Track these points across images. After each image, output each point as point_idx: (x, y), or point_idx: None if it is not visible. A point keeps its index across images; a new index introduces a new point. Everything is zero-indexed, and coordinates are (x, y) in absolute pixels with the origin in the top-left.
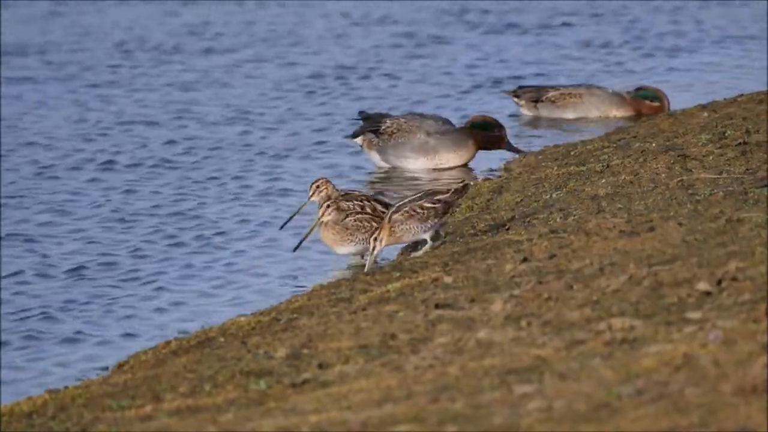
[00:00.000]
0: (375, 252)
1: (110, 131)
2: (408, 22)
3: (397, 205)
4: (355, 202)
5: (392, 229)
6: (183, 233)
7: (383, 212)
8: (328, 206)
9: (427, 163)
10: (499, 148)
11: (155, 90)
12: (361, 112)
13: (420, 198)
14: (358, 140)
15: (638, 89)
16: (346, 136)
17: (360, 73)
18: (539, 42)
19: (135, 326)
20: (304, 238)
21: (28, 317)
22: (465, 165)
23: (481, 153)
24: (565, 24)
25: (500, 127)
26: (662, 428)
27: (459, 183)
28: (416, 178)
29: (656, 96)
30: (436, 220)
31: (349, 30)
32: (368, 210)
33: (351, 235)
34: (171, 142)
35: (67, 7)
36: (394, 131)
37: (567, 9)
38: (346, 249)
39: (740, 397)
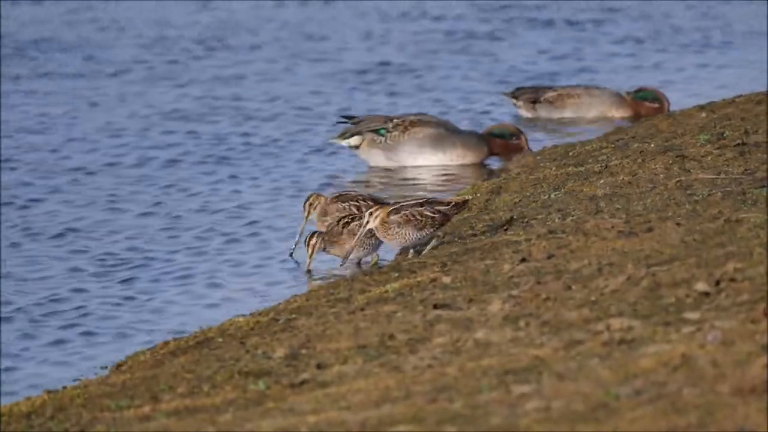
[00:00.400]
0: (367, 227)
1: (159, 127)
2: (445, 19)
3: (400, 204)
4: (351, 203)
5: (387, 227)
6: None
7: None
8: (318, 240)
9: (444, 158)
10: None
11: (196, 85)
12: (343, 116)
13: (420, 204)
14: (353, 141)
15: (638, 90)
16: (334, 138)
17: (398, 69)
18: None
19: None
20: (297, 243)
21: (86, 314)
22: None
23: None
24: (569, 21)
25: (519, 134)
26: (660, 428)
27: (460, 197)
28: (423, 178)
29: (656, 97)
30: (431, 230)
31: (388, 26)
32: (364, 209)
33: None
34: (218, 138)
35: (94, 2)
36: (408, 126)
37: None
38: (359, 254)
39: (738, 397)
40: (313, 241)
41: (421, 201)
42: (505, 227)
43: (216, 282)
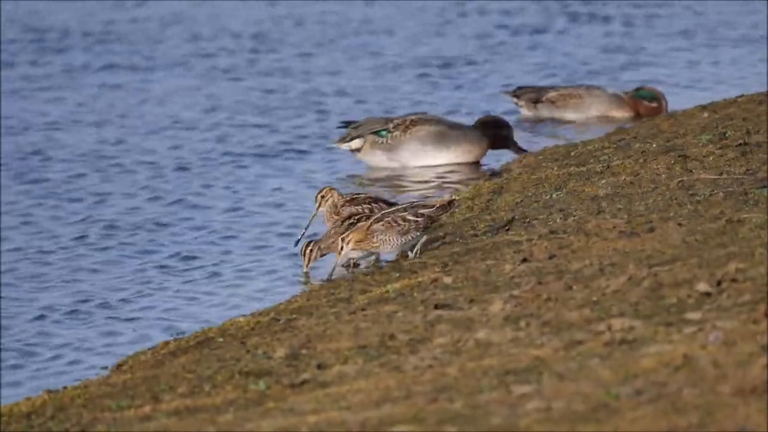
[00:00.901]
0: (342, 254)
1: (207, 123)
2: (503, 14)
3: (381, 213)
4: (364, 206)
5: (370, 237)
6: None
7: None
8: (314, 248)
9: (447, 156)
10: (504, 147)
11: (235, 81)
12: (342, 121)
13: (404, 209)
14: (354, 144)
15: (637, 89)
16: (334, 143)
17: (456, 65)
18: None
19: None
20: (303, 233)
21: (86, 314)
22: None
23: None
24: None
25: (507, 127)
26: (661, 429)
27: (445, 198)
28: (426, 178)
29: (654, 96)
30: (416, 234)
31: (444, 20)
32: (376, 212)
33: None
34: (258, 135)
35: None
36: (409, 126)
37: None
38: (357, 253)
39: (739, 397)
40: (309, 249)
41: (403, 206)
42: (506, 227)
43: (216, 282)
